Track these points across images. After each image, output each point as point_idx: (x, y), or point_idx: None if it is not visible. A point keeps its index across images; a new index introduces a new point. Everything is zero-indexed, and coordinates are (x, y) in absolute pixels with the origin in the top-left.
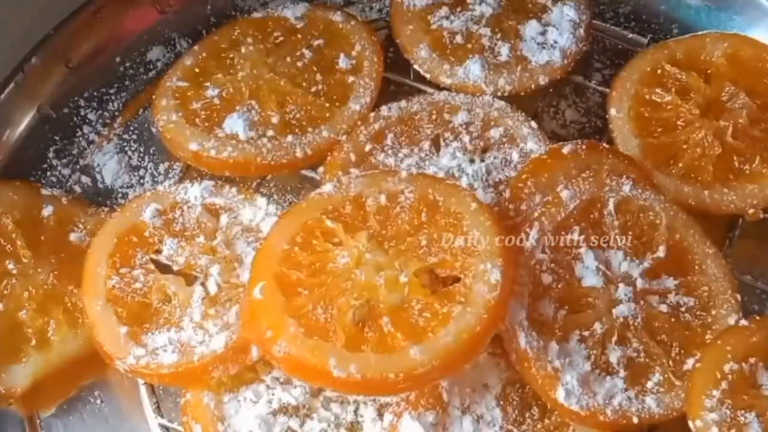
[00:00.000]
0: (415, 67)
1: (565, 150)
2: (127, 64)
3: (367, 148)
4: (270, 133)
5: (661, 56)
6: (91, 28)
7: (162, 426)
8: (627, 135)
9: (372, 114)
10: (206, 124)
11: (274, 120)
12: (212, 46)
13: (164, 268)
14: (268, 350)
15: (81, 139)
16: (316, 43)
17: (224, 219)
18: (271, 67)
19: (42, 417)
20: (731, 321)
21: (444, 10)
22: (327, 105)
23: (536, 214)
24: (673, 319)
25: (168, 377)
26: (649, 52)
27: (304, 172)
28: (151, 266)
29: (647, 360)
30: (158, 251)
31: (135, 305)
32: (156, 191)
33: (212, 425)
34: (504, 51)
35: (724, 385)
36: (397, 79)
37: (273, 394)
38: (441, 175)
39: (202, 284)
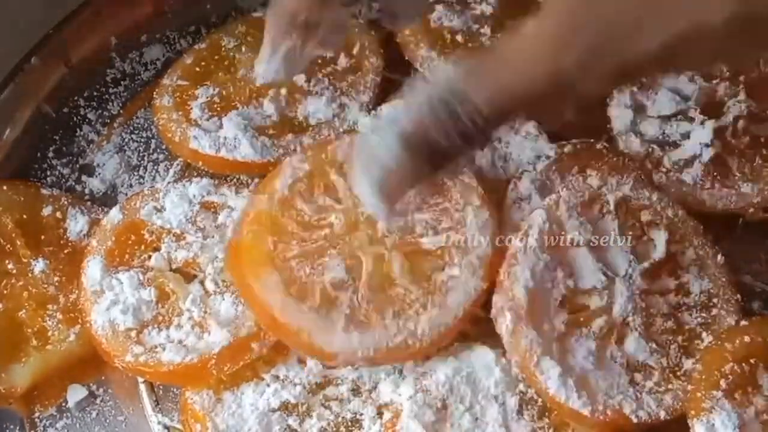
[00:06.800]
0: (416, 66)
1: (565, 150)
2: (127, 64)
3: None
4: (270, 131)
5: None
6: (90, 28)
7: (162, 424)
8: (629, 134)
9: (372, 113)
10: (206, 123)
11: (274, 119)
12: (213, 44)
13: (162, 266)
14: (244, 293)
15: (81, 138)
16: None
17: (222, 217)
18: None
19: (42, 416)
20: (731, 321)
21: (444, 9)
22: None
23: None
24: (672, 319)
25: (167, 375)
26: None
27: None
28: (150, 264)
29: (646, 360)
30: (156, 249)
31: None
32: (154, 189)
33: (211, 423)
34: None
35: (723, 385)
36: (397, 78)
37: (272, 393)
38: None
39: (201, 282)
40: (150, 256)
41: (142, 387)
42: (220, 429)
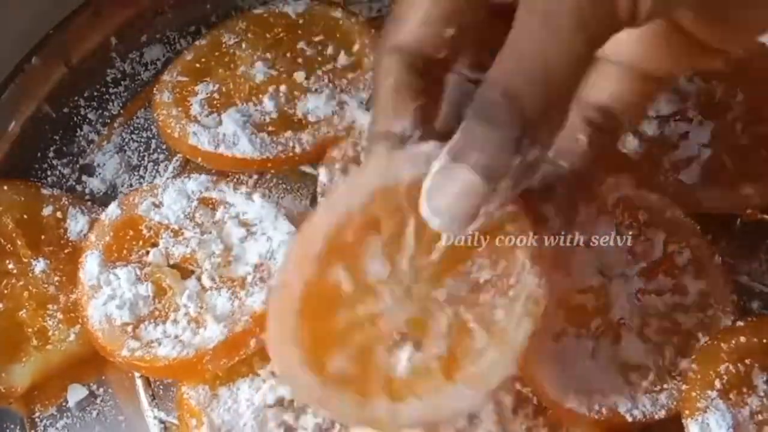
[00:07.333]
0: None
1: None
2: (127, 64)
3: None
4: (269, 128)
5: None
6: (91, 28)
7: (158, 419)
8: (626, 134)
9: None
10: (206, 119)
11: (273, 116)
12: (213, 41)
13: (160, 262)
14: None
15: (81, 138)
16: (316, 39)
17: (220, 213)
18: (271, 63)
19: (42, 416)
20: (727, 321)
21: None
22: None
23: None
24: (669, 319)
25: (163, 370)
26: None
27: (303, 168)
28: (147, 260)
29: (642, 360)
30: (154, 245)
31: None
32: (152, 185)
33: (207, 418)
34: None
35: (718, 385)
36: None
37: (268, 388)
38: None
39: (198, 278)
40: (148, 252)
41: (139, 381)
42: (216, 424)
